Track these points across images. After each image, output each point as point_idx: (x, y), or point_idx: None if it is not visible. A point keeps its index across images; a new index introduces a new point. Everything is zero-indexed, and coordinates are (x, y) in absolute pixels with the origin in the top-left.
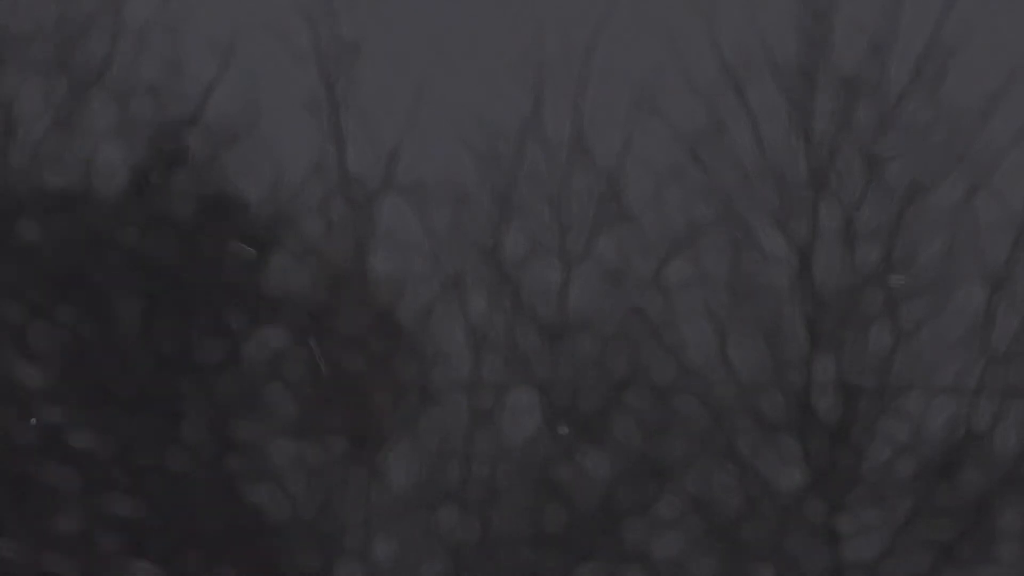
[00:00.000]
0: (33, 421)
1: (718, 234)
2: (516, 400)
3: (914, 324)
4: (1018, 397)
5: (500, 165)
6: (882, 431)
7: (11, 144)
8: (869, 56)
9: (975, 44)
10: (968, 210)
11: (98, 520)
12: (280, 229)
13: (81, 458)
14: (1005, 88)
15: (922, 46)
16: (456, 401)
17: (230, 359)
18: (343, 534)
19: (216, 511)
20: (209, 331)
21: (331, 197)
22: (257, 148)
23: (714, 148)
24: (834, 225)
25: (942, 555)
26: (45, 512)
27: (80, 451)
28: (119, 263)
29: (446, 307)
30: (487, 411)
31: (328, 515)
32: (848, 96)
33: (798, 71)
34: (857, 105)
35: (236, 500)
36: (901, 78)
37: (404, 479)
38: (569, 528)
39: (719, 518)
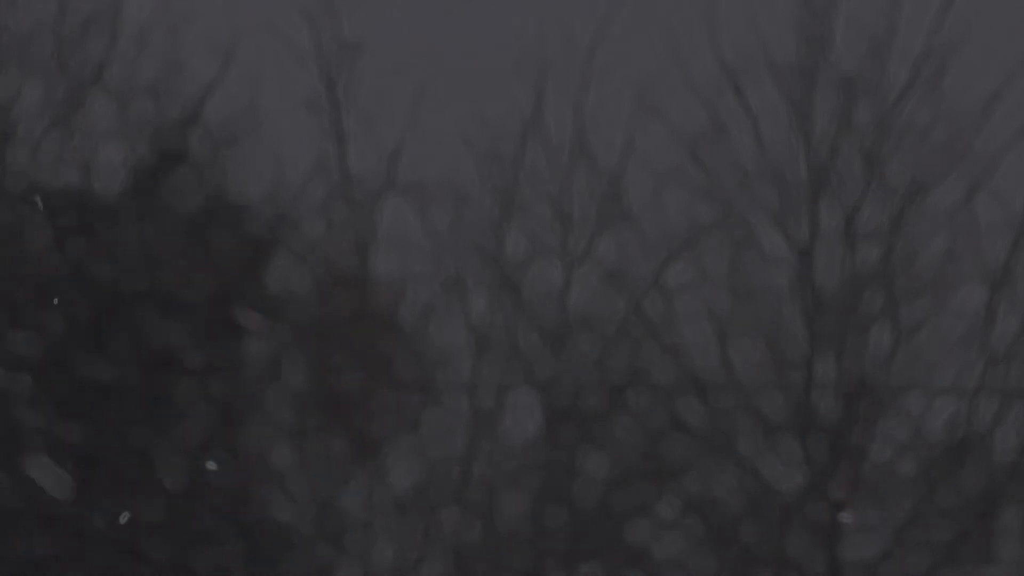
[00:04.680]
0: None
1: (718, 234)
2: (517, 400)
3: (914, 324)
4: (1018, 397)
5: (501, 165)
6: (882, 432)
7: (11, 144)
8: (869, 56)
9: (975, 44)
10: (968, 210)
11: (98, 521)
12: (281, 230)
13: (78, 460)
14: (1005, 88)
15: (921, 46)
16: (457, 402)
17: (231, 360)
18: (344, 535)
19: (217, 512)
20: (209, 332)
21: (332, 197)
22: (257, 148)
23: (714, 148)
24: (834, 225)
25: (942, 555)
26: (45, 514)
27: (77, 452)
28: (118, 263)
29: (447, 308)
30: (488, 412)
31: (329, 516)
32: (848, 96)
33: (798, 71)
34: (857, 105)
35: (237, 501)
36: (901, 78)
37: (405, 480)
38: (569, 528)
39: (720, 519)
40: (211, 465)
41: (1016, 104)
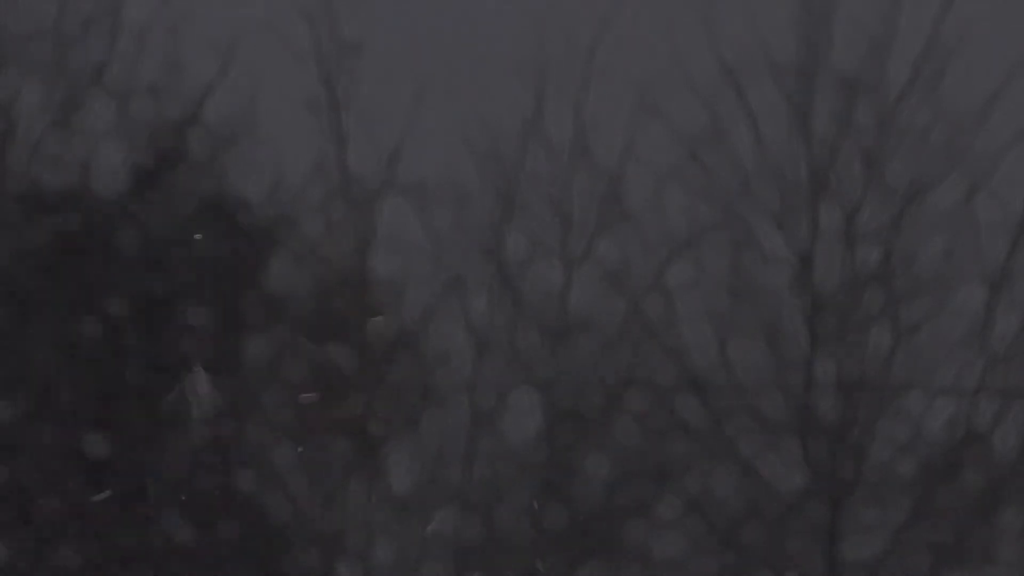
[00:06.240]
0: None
1: (718, 235)
2: (517, 401)
3: (914, 324)
4: (1018, 397)
5: (501, 166)
6: (882, 431)
7: (11, 144)
8: (869, 56)
9: (974, 44)
10: (968, 210)
11: (99, 520)
12: (280, 229)
13: (79, 459)
14: (1004, 88)
15: (921, 46)
16: (457, 401)
17: (231, 360)
18: (344, 534)
19: (217, 512)
20: (209, 332)
21: (331, 197)
22: (257, 148)
23: (714, 149)
24: (834, 225)
25: (942, 555)
26: (44, 514)
27: (78, 452)
28: (118, 263)
29: (447, 308)
30: (488, 412)
31: (329, 516)
32: (848, 96)
33: (798, 71)
34: (857, 105)
35: (237, 500)
36: (901, 78)
37: (405, 480)
38: (569, 528)
39: (719, 519)
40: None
41: (1016, 104)
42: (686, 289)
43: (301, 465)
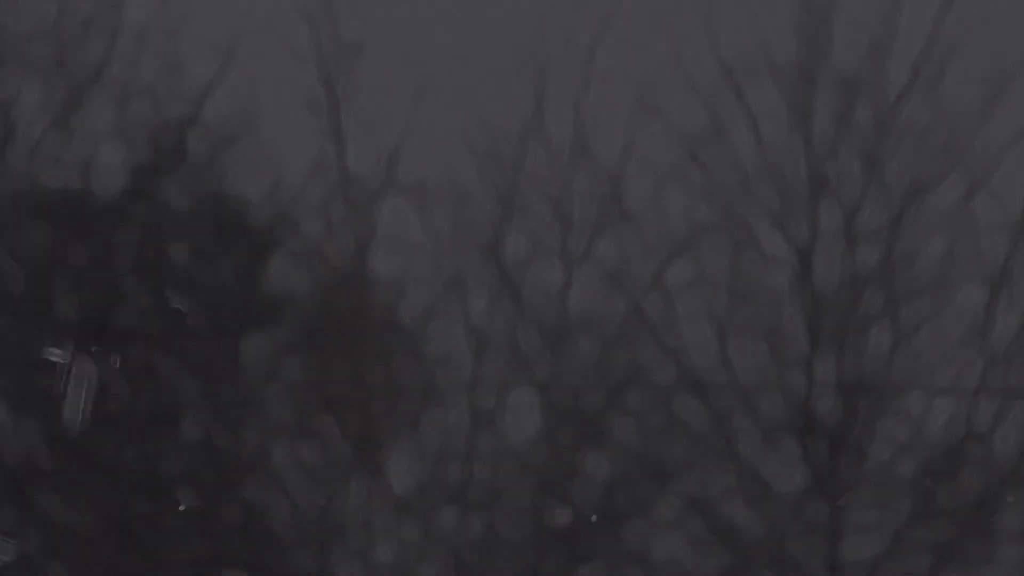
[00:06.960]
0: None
1: (718, 235)
2: (517, 400)
3: (914, 324)
4: (1018, 397)
5: (501, 166)
6: (882, 432)
7: (11, 144)
8: (869, 56)
9: (974, 44)
10: (968, 210)
11: (99, 520)
12: (280, 229)
13: (79, 460)
14: (1004, 88)
15: (921, 46)
16: (457, 402)
17: (230, 360)
18: (344, 535)
19: (217, 512)
20: (209, 332)
21: (331, 197)
22: (257, 148)
23: (714, 149)
24: (834, 225)
25: (942, 555)
26: (45, 513)
27: (78, 453)
28: (118, 264)
29: (447, 308)
30: (488, 412)
31: (329, 516)
32: (848, 96)
33: (798, 71)
34: (857, 105)
35: (237, 501)
36: (900, 78)
37: (405, 480)
38: (569, 528)
39: (719, 519)
40: None
41: (1016, 104)
42: (686, 289)
43: (301, 465)
